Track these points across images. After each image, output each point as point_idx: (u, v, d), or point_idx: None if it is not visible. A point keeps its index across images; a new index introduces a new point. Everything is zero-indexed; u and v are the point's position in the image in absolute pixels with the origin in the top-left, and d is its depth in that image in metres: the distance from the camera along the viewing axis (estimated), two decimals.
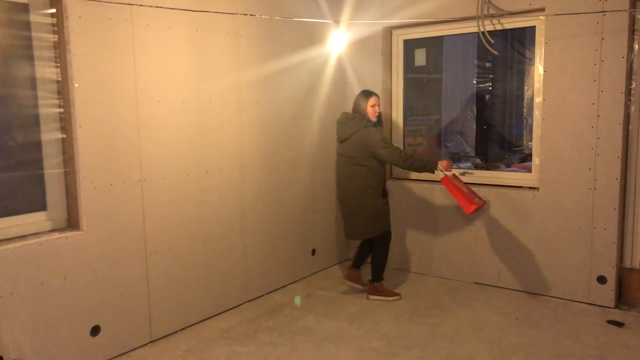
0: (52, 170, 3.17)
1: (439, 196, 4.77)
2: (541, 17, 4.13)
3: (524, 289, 4.40)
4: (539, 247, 4.29)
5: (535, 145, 4.35)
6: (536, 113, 4.32)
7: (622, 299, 4.10)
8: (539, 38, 4.24)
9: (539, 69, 4.24)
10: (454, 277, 4.76)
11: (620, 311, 3.99)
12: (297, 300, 4.26)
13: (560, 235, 4.17)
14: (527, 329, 3.74)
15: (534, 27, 4.28)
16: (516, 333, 3.67)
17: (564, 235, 4.16)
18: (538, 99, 4.27)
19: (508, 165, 6.55)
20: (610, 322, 3.81)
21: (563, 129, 4.08)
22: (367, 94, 4.21)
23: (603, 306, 4.05)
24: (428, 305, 4.19)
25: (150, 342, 3.55)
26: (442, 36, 5.03)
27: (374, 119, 4.17)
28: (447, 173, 4.07)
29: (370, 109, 4.15)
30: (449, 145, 7.26)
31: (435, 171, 4.09)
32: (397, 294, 4.33)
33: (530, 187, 4.36)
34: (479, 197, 4.07)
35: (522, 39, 6.94)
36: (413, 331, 3.73)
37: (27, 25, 3.01)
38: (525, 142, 7.46)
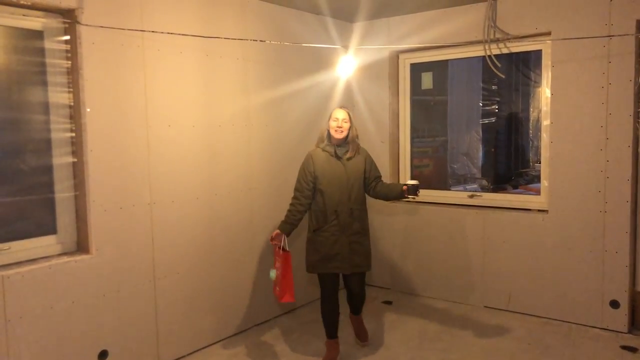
0: (62, 194, 3.18)
1: (447, 219, 4.75)
2: (547, 41, 4.16)
3: (535, 313, 4.34)
4: (550, 270, 4.24)
5: (544, 168, 4.34)
6: (544, 136, 4.32)
7: (635, 323, 4.04)
8: (546, 61, 4.27)
9: (546, 91, 4.26)
10: (463, 301, 4.71)
11: (634, 336, 3.92)
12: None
13: (571, 259, 4.13)
14: (539, 354, 3.67)
15: (540, 50, 4.32)
16: (528, 359, 3.61)
17: (575, 259, 4.12)
18: (546, 122, 4.28)
19: (515, 187, 6.54)
20: (624, 347, 3.75)
21: (572, 151, 4.07)
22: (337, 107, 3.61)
23: (616, 331, 3.98)
24: (437, 330, 4.13)
25: None
26: (447, 60, 5.07)
27: (337, 136, 3.47)
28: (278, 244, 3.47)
29: (331, 124, 3.50)
30: (455, 166, 7.25)
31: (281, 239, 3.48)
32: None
33: (539, 210, 4.34)
34: (279, 289, 3.50)
35: (527, 62, 6.99)
36: (423, 356, 3.68)
37: (41, 52, 3.07)
38: (531, 164, 7.46)
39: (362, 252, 3.53)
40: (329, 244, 3.45)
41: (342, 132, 3.48)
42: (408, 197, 3.54)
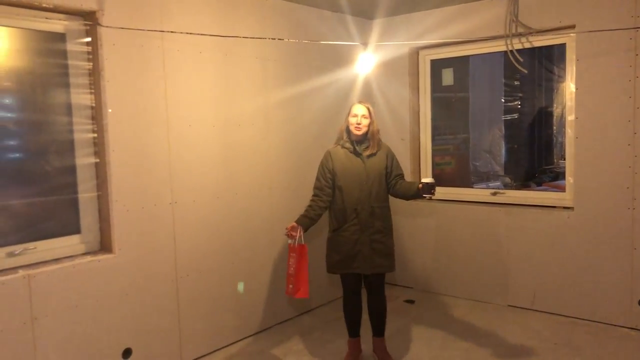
0: (85, 194, 3.23)
1: (470, 217, 4.69)
2: (572, 34, 4.07)
3: (560, 313, 4.26)
4: (576, 268, 4.15)
5: (569, 164, 4.25)
6: (569, 131, 4.23)
7: None
8: (570, 55, 4.17)
9: (570, 86, 4.17)
10: (486, 300, 4.64)
11: None
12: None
13: (598, 257, 4.04)
14: (566, 355, 3.60)
15: (564, 44, 4.22)
16: (554, 359, 3.54)
17: (602, 257, 4.02)
18: (570, 117, 4.19)
19: (538, 184, 6.43)
20: None
21: (598, 147, 3.98)
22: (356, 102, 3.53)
23: None
24: (461, 330, 4.08)
25: None
26: (468, 55, 5.00)
27: (356, 132, 3.38)
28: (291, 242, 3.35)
29: (350, 120, 3.42)
30: (477, 164, 7.16)
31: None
32: None
33: (564, 207, 4.24)
34: (292, 286, 3.36)
35: (550, 56, 6.86)
36: (446, 357, 3.63)
37: (63, 54, 3.11)
38: (555, 161, 7.32)
39: (384, 252, 3.41)
40: (349, 243, 3.36)
41: (361, 128, 3.38)
42: (423, 197, 3.37)
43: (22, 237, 2.99)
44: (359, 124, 3.37)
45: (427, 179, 3.33)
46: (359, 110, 3.40)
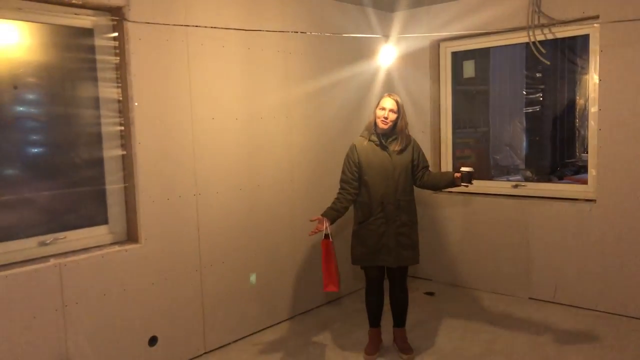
0: (113, 185, 3.32)
1: (491, 209, 4.68)
2: (595, 24, 4.02)
3: (582, 305, 4.24)
4: (598, 261, 4.12)
5: (591, 156, 4.21)
6: (592, 123, 4.19)
7: None
8: (594, 46, 4.13)
9: (594, 77, 4.12)
10: (507, 292, 4.63)
11: None
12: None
13: (622, 250, 4.00)
14: (587, 347, 3.59)
15: (588, 35, 4.18)
16: (576, 351, 3.53)
17: (626, 250, 3.99)
18: (593, 109, 4.14)
19: (560, 178, 6.36)
20: None
21: (622, 138, 3.93)
22: (385, 95, 3.48)
23: None
24: (481, 321, 4.09)
25: (205, 353, 3.63)
26: (489, 47, 4.97)
27: (382, 126, 3.37)
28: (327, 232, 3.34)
29: (378, 113, 3.39)
30: (497, 157, 7.11)
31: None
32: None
33: (586, 200, 4.21)
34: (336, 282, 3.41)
35: (573, 47, 6.76)
36: (466, 347, 3.65)
37: (91, 49, 3.19)
38: (578, 154, 7.22)
39: (410, 245, 3.42)
40: (375, 236, 3.37)
41: (387, 122, 3.35)
42: (460, 185, 3.39)
43: (52, 227, 3.09)
44: (385, 117, 3.34)
45: (466, 168, 3.35)
46: (387, 103, 3.36)
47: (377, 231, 3.37)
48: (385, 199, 3.36)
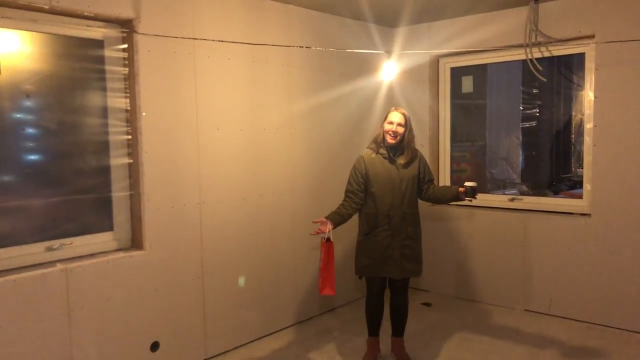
0: (119, 193, 3.38)
1: (487, 222, 4.76)
2: (591, 44, 4.14)
3: (577, 318, 4.31)
4: (593, 274, 4.20)
5: (586, 171, 4.31)
6: (587, 139, 4.29)
7: None
8: (589, 64, 4.24)
9: (589, 94, 4.23)
10: (503, 304, 4.70)
11: None
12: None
13: (616, 263, 4.08)
14: (583, 358, 3.65)
15: (583, 53, 4.29)
16: None
17: (620, 264, 4.07)
18: (589, 125, 4.25)
19: (555, 193, 6.42)
20: None
21: (616, 154, 4.03)
22: (392, 109, 3.51)
23: None
24: (477, 332, 4.15)
25: (205, 359, 3.67)
26: (487, 64, 5.09)
27: (390, 140, 3.40)
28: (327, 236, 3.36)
29: (386, 126, 3.42)
30: (493, 171, 7.19)
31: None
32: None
33: (581, 214, 4.30)
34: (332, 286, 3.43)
35: (570, 65, 6.88)
36: (464, 357, 3.71)
37: (101, 60, 3.28)
38: (573, 169, 7.31)
39: (414, 257, 3.47)
40: (381, 248, 3.40)
41: (396, 137, 3.39)
42: (464, 200, 3.45)
43: (59, 233, 3.15)
44: (394, 131, 3.38)
45: (470, 183, 3.40)
46: (395, 117, 3.40)
47: (382, 243, 3.41)
48: (392, 211, 3.40)
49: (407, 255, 3.44)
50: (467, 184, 3.41)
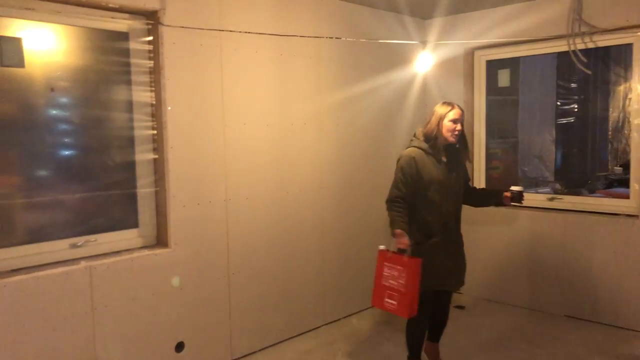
0: (144, 189, 3.30)
1: (525, 222, 4.54)
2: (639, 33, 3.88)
3: (622, 325, 4.06)
4: (639, 279, 3.95)
5: (634, 170, 4.05)
6: (634, 135, 4.03)
7: None
8: (637, 55, 3.98)
9: (637, 88, 3.98)
10: (541, 308, 4.48)
11: None
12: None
13: None
14: None
15: (630, 44, 4.03)
16: None
17: None
18: (636, 120, 3.99)
19: (591, 192, 6.16)
20: None
21: None
22: (446, 104, 3.15)
23: None
24: (515, 338, 3.95)
25: None
26: (519, 57, 4.85)
27: (452, 139, 3.10)
28: (394, 250, 3.02)
29: (447, 124, 3.08)
30: (526, 169, 6.95)
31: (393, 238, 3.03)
32: None
33: (627, 215, 4.05)
34: (395, 302, 2.99)
35: (609, 57, 6.58)
36: None
37: (126, 52, 3.19)
38: (610, 167, 7.01)
39: (464, 265, 3.25)
40: (439, 259, 3.07)
41: (458, 135, 3.09)
42: (509, 205, 3.24)
43: (83, 230, 3.09)
44: (458, 130, 3.08)
45: (517, 187, 3.21)
46: (457, 115, 3.10)
47: (440, 254, 3.09)
48: (448, 217, 3.12)
49: (460, 265, 3.23)
50: (513, 188, 3.20)
